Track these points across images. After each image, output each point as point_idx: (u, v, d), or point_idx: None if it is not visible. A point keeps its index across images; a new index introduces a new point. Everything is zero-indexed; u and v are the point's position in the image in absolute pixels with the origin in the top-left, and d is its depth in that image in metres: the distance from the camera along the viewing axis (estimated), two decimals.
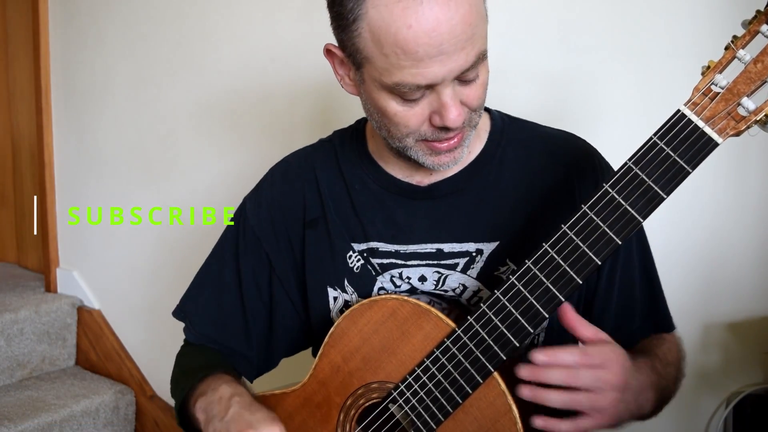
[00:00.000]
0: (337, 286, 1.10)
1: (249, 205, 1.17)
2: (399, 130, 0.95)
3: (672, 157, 0.84)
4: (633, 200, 0.85)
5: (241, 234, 1.16)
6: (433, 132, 0.94)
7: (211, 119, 2.07)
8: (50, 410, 2.13)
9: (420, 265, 1.06)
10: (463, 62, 0.88)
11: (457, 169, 1.06)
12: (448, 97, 0.90)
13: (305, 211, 1.12)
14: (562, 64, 1.54)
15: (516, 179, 1.06)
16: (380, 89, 0.93)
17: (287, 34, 1.88)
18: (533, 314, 0.89)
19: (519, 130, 1.10)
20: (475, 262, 1.04)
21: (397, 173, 1.08)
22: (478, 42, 0.89)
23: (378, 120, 0.98)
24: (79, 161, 2.44)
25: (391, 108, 0.93)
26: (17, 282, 2.63)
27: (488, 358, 0.91)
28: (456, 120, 0.91)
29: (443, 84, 0.89)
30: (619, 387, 0.88)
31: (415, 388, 0.96)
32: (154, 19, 2.15)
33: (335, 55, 0.99)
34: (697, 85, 0.84)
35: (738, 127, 0.82)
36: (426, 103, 0.92)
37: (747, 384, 1.50)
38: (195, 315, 1.19)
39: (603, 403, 0.87)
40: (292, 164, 1.17)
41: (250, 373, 1.19)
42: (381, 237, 1.08)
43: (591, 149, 1.10)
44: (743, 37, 0.83)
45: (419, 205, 1.07)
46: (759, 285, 1.49)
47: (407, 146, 0.97)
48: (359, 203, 1.09)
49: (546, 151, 1.08)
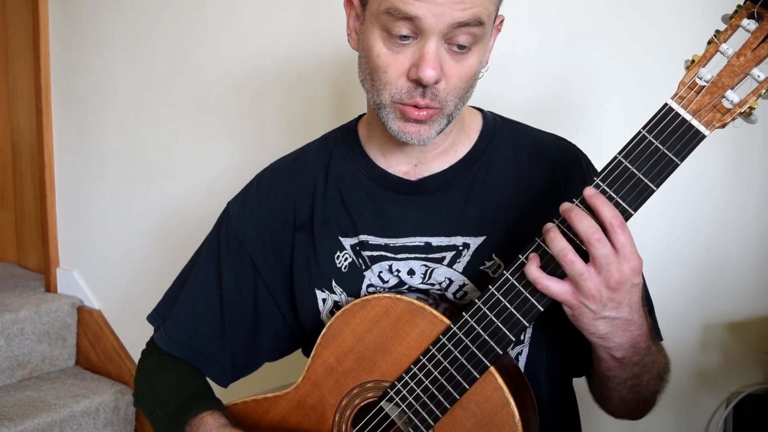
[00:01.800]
0: (324, 288, 1.10)
1: (233, 209, 1.17)
2: (379, 77, 0.96)
3: (661, 149, 0.85)
4: (623, 193, 0.86)
5: (224, 238, 1.16)
6: (408, 90, 0.94)
7: (211, 119, 2.07)
8: (50, 410, 2.13)
9: (409, 258, 1.06)
10: (457, 14, 0.89)
11: (447, 165, 1.07)
12: (430, 51, 0.91)
13: (296, 216, 1.13)
14: (556, 60, 1.55)
15: (504, 177, 1.07)
16: (374, 25, 0.94)
17: (288, 34, 1.88)
18: (528, 308, 0.90)
19: (509, 130, 1.12)
20: (461, 256, 1.05)
21: (386, 164, 1.09)
22: (479, 7, 0.90)
23: (365, 68, 0.99)
24: (79, 161, 2.44)
25: (377, 48, 0.94)
26: (17, 282, 2.63)
27: (484, 354, 0.91)
28: (430, 76, 0.91)
29: (429, 33, 0.90)
30: (618, 291, 0.86)
31: (411, 386, 0.96)
32: (154, 19, 2.15)
33: (353, 5, 1.02)
34: (683, 79, 0.86)
35: (723, 119, 0.84)
36: (409, 54, 0.93)
37: (747, 384, 1.49)
38: (169, 319, 1.19)
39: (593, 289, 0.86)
40: (280, 170, 1.17)
41: (223, 379, 1.19)
42: (371, 230, 1.08)
43: (578, 152, 1.12)
44: (725, 32, 0.85)
45: (408, 200, 1.08)
46: (759, 285, 1.48)
47: (383, 104, 0.97)
48: (349, 197, 1.10)
49: (534, 152, 1.09)
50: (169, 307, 1.20)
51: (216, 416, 1.06)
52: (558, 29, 1.54)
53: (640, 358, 0.95)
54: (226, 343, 1.16)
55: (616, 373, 0.97)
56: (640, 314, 0.92)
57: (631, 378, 0.98)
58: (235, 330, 1.16)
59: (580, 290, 0.86)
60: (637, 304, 0.90)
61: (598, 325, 0.89)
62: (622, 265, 0.85)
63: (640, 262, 0.86)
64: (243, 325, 1.16)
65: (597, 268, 0.85)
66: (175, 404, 1.10)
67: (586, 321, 0.89)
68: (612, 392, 1.02)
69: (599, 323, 0.89)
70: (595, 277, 0.85)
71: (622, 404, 1.04)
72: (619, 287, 0.86)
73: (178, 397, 1.12)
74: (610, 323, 0.89)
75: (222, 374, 1.18)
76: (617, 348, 0.92)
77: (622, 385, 0.99)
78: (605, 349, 0.93)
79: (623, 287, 0.86)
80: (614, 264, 0.84)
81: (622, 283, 0.85)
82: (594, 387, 1.09)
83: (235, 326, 1.16)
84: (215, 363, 1.17)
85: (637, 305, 0.90)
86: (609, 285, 0.85)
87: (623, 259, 0.85)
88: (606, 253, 0.84)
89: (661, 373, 1.03)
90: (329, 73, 1.79)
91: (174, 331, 1.18)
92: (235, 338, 1.16)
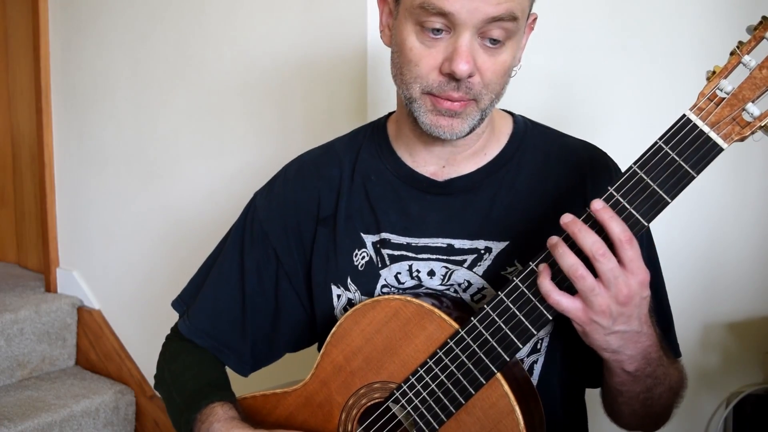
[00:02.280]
0: (340, 284, 1.10)
1: (259, 199, 1.18)
2: (411, 70, 0.96)
3: (677, 161, 0.84)
4: (638, 204, 0.85)
5: (248, 228, 1.17)
6: (440, 84, 0.94)
7: (211, 119, 2.07)
8: (50, 410, 2.13)
9: (430, 259, 1.06)
10: (491, 9, 0.89)
11: (475, 167, 1.07)
12: (464, 44, 0.91)
13: (319, 208, 1.13)
14: (566, 67, 1.55)
15: (532, 182, 1.06)
16: (407, 19, 0.94)
17: (288, 34, 1.88)
18: (536, 316, 0.89)
19: (540, 135, 1.11)
20: (482, 260, 1.04)
21: (414, 163, 1.08)
22: (513, 2, 0.90)
23: (397, 63, 0.99)
24: (79, 161, 2.44)
25: (410, 42, 0.95)
26: (17, 282, 2.62)
27: (491, 360, 0.91)
28: (463, 70, 0.91)
29: (463, 28, 0.90)
30: (626, 305, 0.86)
31: (417, 389, 0.96)
32: (154, 19, 2.15)
33: (386, 1, 1.02)
34: (703, 90, 0.84)
35: (743, 133, 0.83)
36: (442, 48, 0.93)
37: (747, 384, 1.50)
38: (192, 307, 1.20)
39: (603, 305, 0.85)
40: (307, 162, 1.17)
41: (242, 368, 1.19)
42: (393, 228, 1.08)
43: (608, 161, 1.10)
44: (749, 43, 0.83)
45: (434, 200, 1.07)
46: (759, 285, 1.49)
47: (414, 97, 0.97)
48: (374, 194, 1.10)
49: (564, 158, 1.08)
50: (194, 294, 1.20)
51: (226, 408, 1.06)
52: (565, 36, 1.54)
53: (652, 370, 0.95)
54: (247, 332, 1.16)
55: (629, 387, 0.96)
56: (649, 324, 0.91)
57: (644, 391, 0.97)
58: (256, 320, 1.16)
59: (591, 306, 0.86)
60: (645, 316, 0.89)
61: (609, 340, 0.88)
62: (630, 279, 0.84)
63: (647, 276, 0.86)
64: (264, 316, 1.17)
65: (605, 284, 0.84)
66: (191, 390, 1.11)
67: (598, 337, 0.88)
68: (624, 407, 1.01)
69: (610, 338, 0.88)
70: (605, 292, 0.85)
71: (634, 419, 1.03)
72: (629, 302, 0.85)
73: (195, 383, 1.12)
74: (620, 337, 0.88)
75: (242, 364, 1.19)
76: (630, 361, 0.91)
77: (635, 399, 0.98)
78: (618, 363, 0.92)
79: (632, 301, 0.85)
80: (622, 278, 0.84)
81: (631, 298, 0.85)
82: (606, 401, 1.07)
83: (257, 316, 1.16)
84: (236, 352, 1.17)
85: (646, 317, 0.90)
86: (618, 300, 0.85)
87: (630, 273, 0.84)
88: (612, 267, 0.84)
89: (674, 386, 1.02)
90: (331, 73, 1.79)
91: (197, 318, 1.18)
92: (255, 328, 1.17)
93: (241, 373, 1.19)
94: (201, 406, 1.07)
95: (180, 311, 1.23)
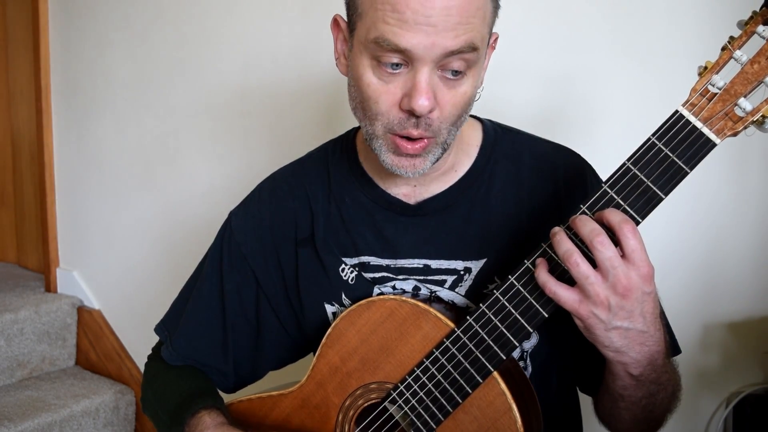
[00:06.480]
0: (334, 302, 1.09)
1: (234, 221, 1.16)
2: (371, 107, 0.92)
3: (670, 157, 0.84)
4: (632, 200, 0.85)
5: (226, 251, 1.16)
6: (400, 121, 0.91)
7: (211, 119, 2.07)
8: (50, 410, 2.14)
9: (409, 278, 1.06)
10: (450, 43, 0.86)
11: (446, 186, 1.05)
12: (423, 80, 0.87)
13: (297, 230, 1.11)
14: (560, 64, 1.54)
15: (505, 195, 1.05)
16: (362, 53, 0.91)
17: (288, 34, 1.88)
18: (533, 314, 0.89)
19: (510, 143, 1.08)
20: (463, 281, 1.04)
21: (385, 185, 1.07)
22: (471, 32, 0.87)
23: (356, 97, 0.96)
24: (79, 161, 2.44)
25: (366, 78, 0.91)
26: (17, 282, 2.63)
27: (488, 358, 0.91)
28: (423, 106, 0.87)
29: (422, 63, 0.87)
30: (630, 301, 0.83)
31: (414, 389, 0.96)
32: (154, 19, 2.15)
33: (339, 28, 0.99)
34: (695, 86, 0.84)
35: (735, 128, 0.83)
36: (400, 83, 0.89)
37: (747, 384, 1.50)
38: (174, 334, 1.19)
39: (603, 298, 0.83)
40: (280, 182, 1.15)
41: (226, 386, 1.19)
42: (372, 251, 1.07)
43: (582, 164, 1.08)
44: (740, 38, 0.83)
45: (408, 221, 1.06)
46: (759, 285, 1.48)
47: (376, 135, 0.94)
48: (349, 218, 1.08)
49: (535, 165, 1.06)
50: (176, 320, 1.20)
51: (214, 415, 1.06)
52: (560, 33, 1.54)
53: (657, 376, 0.92)
54: (229, 354, 1.16)
55: (632, 392, 0.94)
56: (657, 327, 0.88)
57: (646, 397, 0.94)
58: (237, 342, 1.16)
59: (588, 296, 0.83)
60: (651, 315, 0.86)
61: (611, 337, 0.86)
62: (630, 271, 0.82)
63: (651, 270, 0.83)
64: (245, 337, 1.16)
65: (603, 273, 0.82)
66: (175, 404, 1.10)
67: (599, 333, 0.85)
68: (624, 412, 0.98)
69: (612, 335, 0.85)
70: (602, 282, 0.82)
71: (634, 424, 1.00)
72: (628, 294, 0.82)
73: (178, 396, 1.12)
74: (623, 335, 0.86)
75: (226, 382, 1.19)
76: (634, 364, 0.89)
77: (637, 404, 0.96)
78: (622, 365, 0.89)
79: (632, 294, 0.82)
80: (621, 268, 0.82)
81: (630, 290, 0.82)
82: (603, 407, 1.05)
83: (238, 338, 1.16)
84: (219, 372, 1.18)
85: (652, 316, 0.86)
86: (617, 291, 0.82)
87: (632, 264, 0.82)
88: (610, 256, 0.81)
89: (675, 391, 1.00)
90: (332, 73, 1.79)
91: (179, 345, 1.18)
92: (237, 350, 1.17)
93: (225, 392, 1.19)
94: (186, 417, 1.06)
95: (162, 337, 1.22)
